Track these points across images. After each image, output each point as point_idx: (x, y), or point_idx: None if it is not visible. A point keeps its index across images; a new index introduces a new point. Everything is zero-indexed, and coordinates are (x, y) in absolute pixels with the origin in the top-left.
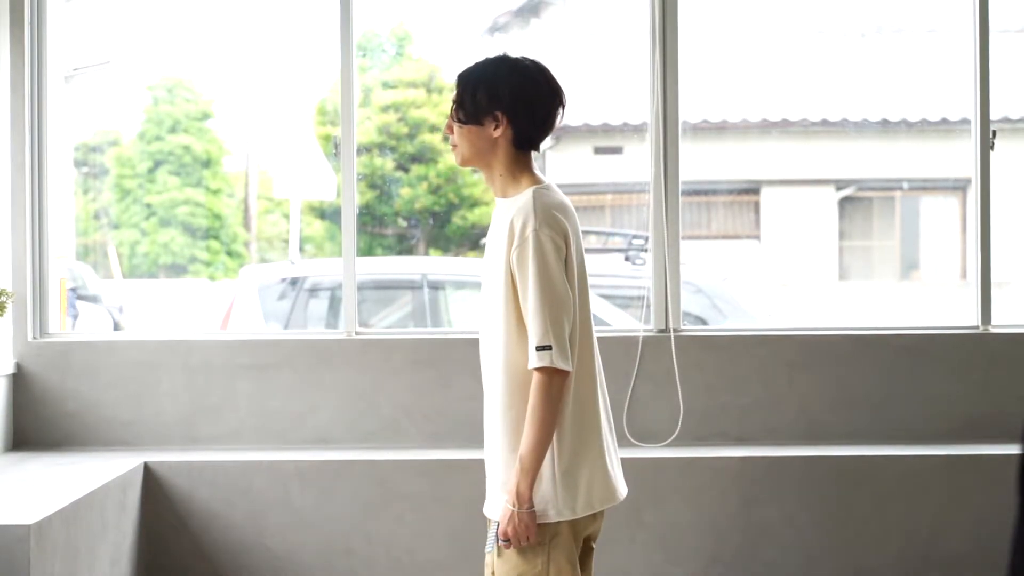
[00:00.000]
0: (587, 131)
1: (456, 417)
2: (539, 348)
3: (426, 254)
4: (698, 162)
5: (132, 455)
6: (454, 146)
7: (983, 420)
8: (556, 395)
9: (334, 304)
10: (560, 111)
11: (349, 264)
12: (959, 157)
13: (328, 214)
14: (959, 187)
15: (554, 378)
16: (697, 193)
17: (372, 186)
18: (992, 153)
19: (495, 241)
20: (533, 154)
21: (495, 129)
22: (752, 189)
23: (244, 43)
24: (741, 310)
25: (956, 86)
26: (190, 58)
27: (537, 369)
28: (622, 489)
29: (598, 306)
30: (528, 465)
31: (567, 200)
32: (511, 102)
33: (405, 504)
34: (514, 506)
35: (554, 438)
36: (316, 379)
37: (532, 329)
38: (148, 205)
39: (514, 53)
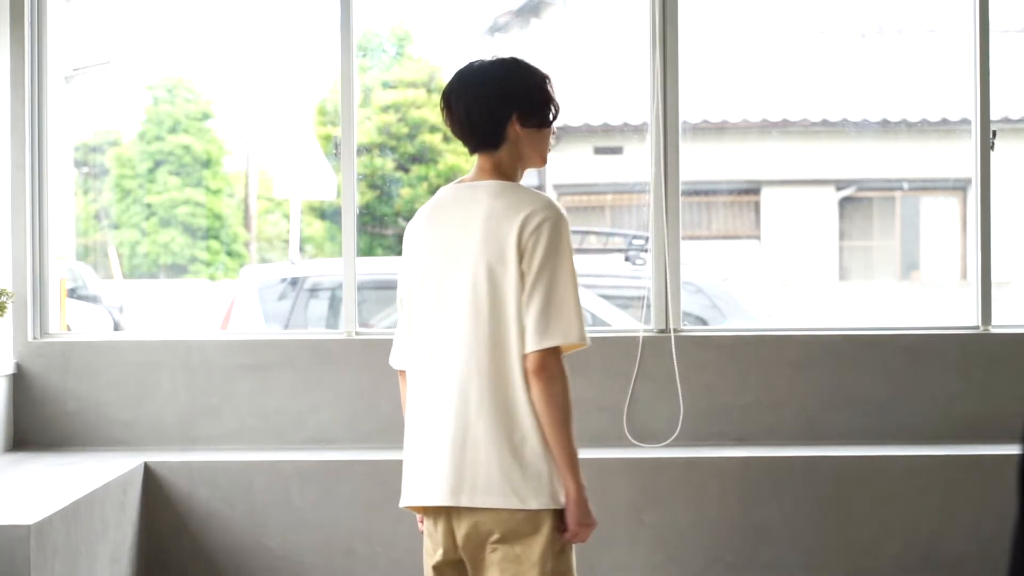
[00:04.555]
0: (587, 131)
1: None
2: None
3: None
4: (698, 162)
5: (132, 455)
6: None
7: (983, 420)
8: None
9: (334, 304)
10: (450, 112)
11: (349, 264)
12: (959, 157)
13: (328, 214)
14: (959, 187)
15: None
16: (697, 193)
17: (372, 186)
18: (992, 153)
19: None
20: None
21: None
22: (752, 189)
23: (244, 43)
24: (741, 310)
25: (956, 86)
26: (190, 58)
27: None
28: (427, 494)
29: (598, 306)
30: None
31: (447, 196)
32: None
33: None
34: None
35: None
36: (316, 379)
37: None
38: (148, 205)
39: (497, 53)
